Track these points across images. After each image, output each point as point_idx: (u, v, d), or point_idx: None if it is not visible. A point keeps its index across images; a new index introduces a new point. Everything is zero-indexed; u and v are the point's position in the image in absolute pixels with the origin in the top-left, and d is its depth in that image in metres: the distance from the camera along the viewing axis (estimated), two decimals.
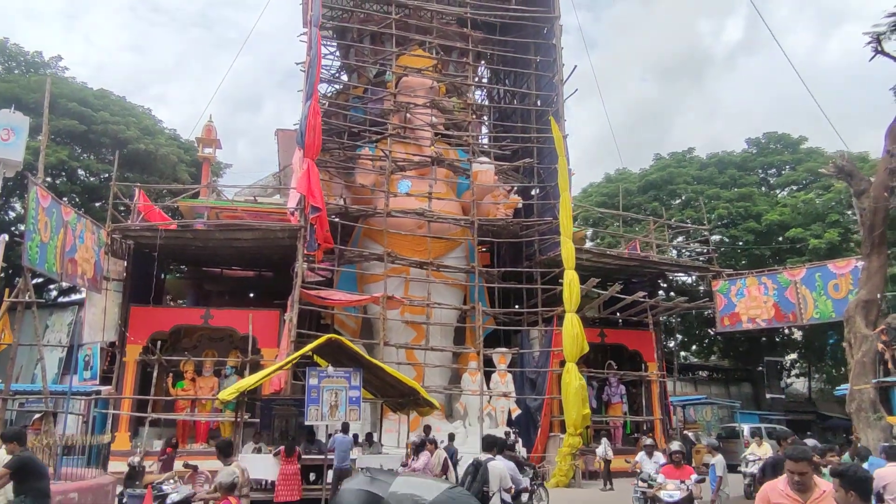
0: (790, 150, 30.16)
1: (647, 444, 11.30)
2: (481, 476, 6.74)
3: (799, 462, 3.78)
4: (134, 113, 24.50)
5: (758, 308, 18.99)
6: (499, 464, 6.99)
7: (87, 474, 10.16)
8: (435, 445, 11.27)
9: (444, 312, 19.21)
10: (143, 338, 17.02)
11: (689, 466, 8.66)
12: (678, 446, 8.79)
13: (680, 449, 8.63)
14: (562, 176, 18.54)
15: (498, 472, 6.79)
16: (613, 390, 20.72)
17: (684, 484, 7.75)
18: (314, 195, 16.76)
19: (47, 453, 9.99)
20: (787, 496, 3.77)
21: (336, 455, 11.77)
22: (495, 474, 6.76)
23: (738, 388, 32.11)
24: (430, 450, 11.07)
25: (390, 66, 20.30)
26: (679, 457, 8.38)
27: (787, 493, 3.78)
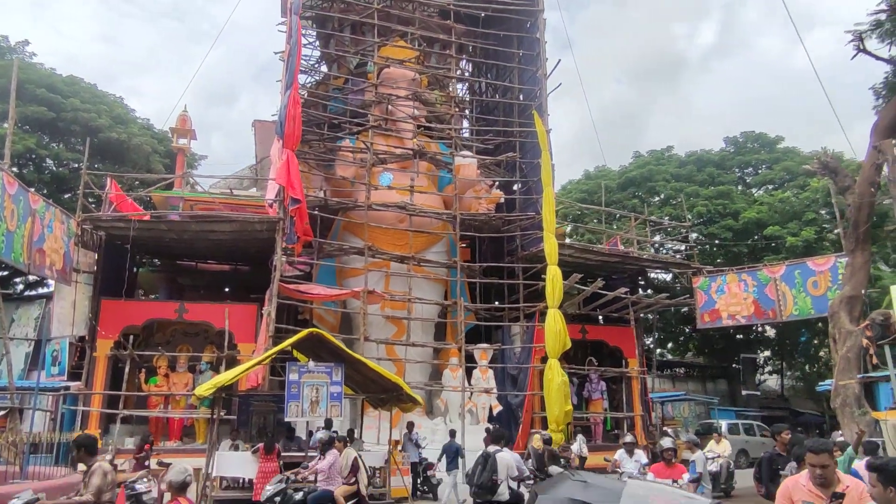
0: (767, 149, 30.52)
1: (627, 442, 10.60)
2: (490, 466, 7.47)
3: (820, 454, 3.62)
4: (105, 101, 23.71)
5: (738, 305, 19.08)
6: (506, 455, 7.79)
7: (56, 473, 9.72)
8: (345, 444, 10.04)
9: (425, 308, 18.96)
10: (114, 332, 16.46)
11: (681, 465, 7.98)
12: (670, 443, 8.10)
13: (672, 446, 7.97)
14: (545, 171, 18.39)
15: (505, 462, 7.60)
16: (594, 387, 20.67)
17: (677, 484, 7.20)
18: (294, 187, 16.36)
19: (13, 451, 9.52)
20: (809, 492, 3.60)
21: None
22: (503, 464, 7.55)
23: (715, 385, 32.46)
24: (339, 448, 9.92)
25: (372, 56, 19.93)
26: (671, 454, 7.81)
27: (810, 489, 3.61)
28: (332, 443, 9.97)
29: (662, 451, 7.85)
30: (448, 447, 12.91)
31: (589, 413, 20.35)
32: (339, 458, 9.57)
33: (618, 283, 20.85)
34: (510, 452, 8.12)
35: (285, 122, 16.76)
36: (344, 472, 9.46)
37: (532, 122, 19.51)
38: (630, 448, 10.23)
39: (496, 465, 7.50)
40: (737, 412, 26.71)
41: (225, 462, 11.55)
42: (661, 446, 8.07)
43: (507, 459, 7.71)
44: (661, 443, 8.27)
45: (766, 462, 7.17)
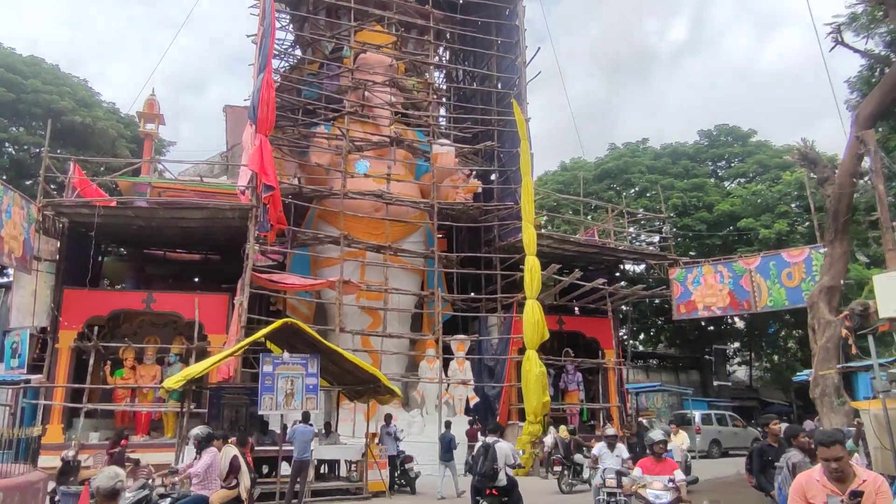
0: (740, 142, 30.81)
1: (609, 435, 9.39)
2: (491, 455, 8.23)
3: (832, 447, 3.42)
4: (69, 83, 22.71)
5: (713, 296, 19.17)
6: (503, 445, 8.49)
7: (15, 470, 9.17)
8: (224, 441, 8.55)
9: (402, 298, 18.66)
10: (78, 323, 15.81)
11: (672, 460, 7.23)
12: (662, 434, 7.33)
13: (664, 437, 7.22)
14: (524, 160, 18.19)
15: (503, 451, 8.32)
16: (570, 378, 20.63)
17: (672, 482, 6.62)
18: (267, 173, 15.86)
19: None
20: (824, 487, 3.41)
21: (296, 446, 11.08)
22: (501, 453, 8.29)
23: (687, 376, 32.81)
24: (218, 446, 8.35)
25: (348, 41, 19.45)
26: (662, 448, 7.00)
27: (825, 485, 3.42)
28: (211, 440, 8.33)
29: (652, 444, 6.98)
30: (443, 438, 13.07)
31: (565, 404, 20.31)
32: (218, 458, 8.09)
33: (594, 274, 20.81)
34: (506, 442, 8.80)
35: (258, 106, 16.22)
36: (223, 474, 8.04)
37: (510, 111, 19.29)
38: (612, 441, 9.13)
39: (496, 454, 8.21)
40: (709, 402, 27.01)
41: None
42: (650, 439, 7.09)
43: (504, 449, 8.44)
44: (651, 435, 7.21)
45: (757, 453, 6.98)
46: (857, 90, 17.99)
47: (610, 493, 8.27)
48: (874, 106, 11.51)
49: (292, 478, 11.08)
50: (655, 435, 7.27)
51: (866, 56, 16.28)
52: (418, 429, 17.40)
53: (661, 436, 7.21)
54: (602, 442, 9.44)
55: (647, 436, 7.42)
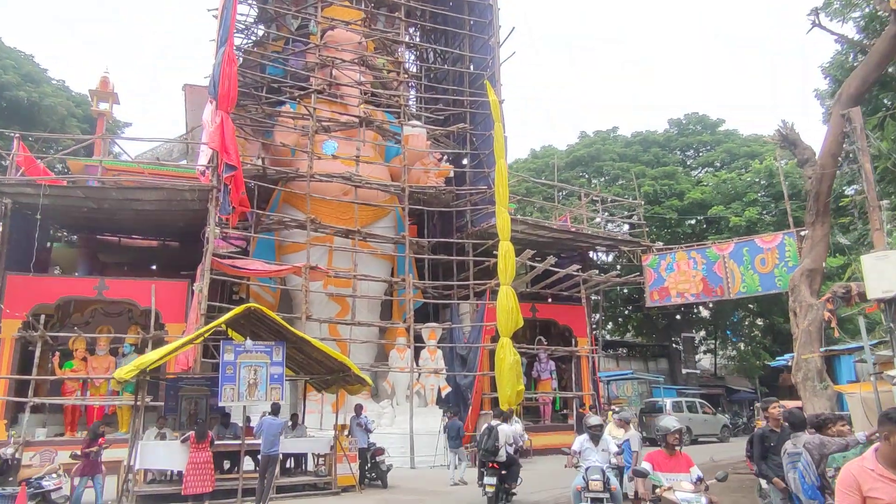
0: (709, 131, 30.88)
1: (593, 425, 7.70)
2: (493, 435, 9.83)
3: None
4: (13, 56, 21.28)
5: (687, 282, 18.98)
6: (505, 427, 10.25)
7: None
8: None
9: (371, 285, 17.98)
10: (22, 311, 14.74)
11: (686, 454, 5.96)
12: (675, 423, 6.01)
13: (678, 426, 5.97)
14: (497, 142, 17.63)
15: (505, 433, 10.00)
16: (543, 366, 20.30)
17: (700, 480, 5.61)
18: (228, 152, 14.99)
19: None
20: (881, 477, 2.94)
21: (264, 440, 10.32)
22: (503, 434, 9.92)
23: (656, 364, 32.92)
24: None
25: (314, 17, 18.57)
26: (677, 439, 5.84)
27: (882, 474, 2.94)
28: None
29: (666, 434, 5.84)
30: (451, 426, 13.41)
31: (538, 393, 19.97)
32: None
33: (567, 261, 20.48)
34: (508, 425, 10.50)
35: (219, 81, 15.31)
36: None
37: (483, 93, 18.73)
38: (595, 433, 7.61)
39: (498, 435, 9.85)
40: (678, 390, 27.05)
41: (149, 453, 10.33)
42: (663, 428, 5.91)
43: (506, 431, 10.10)
44: (664, 424, 5.98)
45: (758, 440, 6.55)
46: (829, 76, 17.94)
47: (595, 500, 6.93)
48: (857, 86, 11.28)
49: (261, 474, 10.40)
50: (669, 423, 5.99)
51: (842, 41, 16.17)
52: (389, 420, 16.80)
53: (674, 424, 5.95)
54: (583, 434, 7.76)
55: (660, 424, 6.10)
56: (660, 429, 6.01)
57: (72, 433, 15.37)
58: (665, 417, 6.48)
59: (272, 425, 10.89)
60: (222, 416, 11.99)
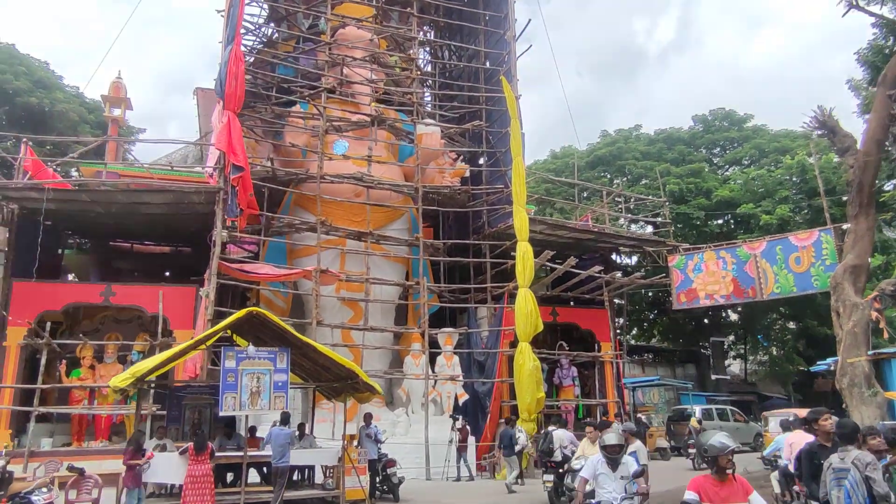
0: (736, 127, 29.78)
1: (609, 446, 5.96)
2: (548, 439, 11.39)
3: None
4: (25, 63, 21.21)
5: (716, 283, 18.07)
6: (559, 432, 11.74)
7: None
8: None
9: (385, 289, 17.37)
10: (28, 318, 14.41)
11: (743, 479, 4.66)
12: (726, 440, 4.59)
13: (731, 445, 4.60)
14: (514, 139, 16.99)
15: (559, 437, 11.42)
16: (565, 372, 19.51)
17: None
18: (235, 152, 14.57)
19: None
20: None
21: (273, 451, 9.96)
22: (557, 438, 11.33)
23: (684, 370, 31.79)
24: None
25: (324, 14, 18.10)
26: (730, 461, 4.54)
27: None
28: None
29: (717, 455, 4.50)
30: (504, 433, 13.82)
31: (560, 400, 19.17)
32: None
33: (589, 263, 19.68)
34: (563, 430, 12.25)
35: (226, 80, 14.93)
36: None
37: (499, 90, 18.09)
38: (613, 456, 5.91)
39: (553, 438, 11.35)
40: (707, 397, 25.96)
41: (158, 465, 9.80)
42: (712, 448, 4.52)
43: (559, 435, 11.55)
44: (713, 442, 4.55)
45: (807, 456, 5.68)
46: (866, 63, 16.99)
47: None
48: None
49: (276, 487, 9.96)
50: (719, 441, 4.56)
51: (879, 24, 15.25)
52: (403, 429, 16.15)
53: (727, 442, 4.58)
54: (597, 455, 6.13)
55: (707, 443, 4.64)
56: (707, 448, 4.51)
57: (79, 443, 15.00)
58: (714, 434, 4.77)
59: (280, 435, 10.43)
60: (226, 426, 11.43)
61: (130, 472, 9.40)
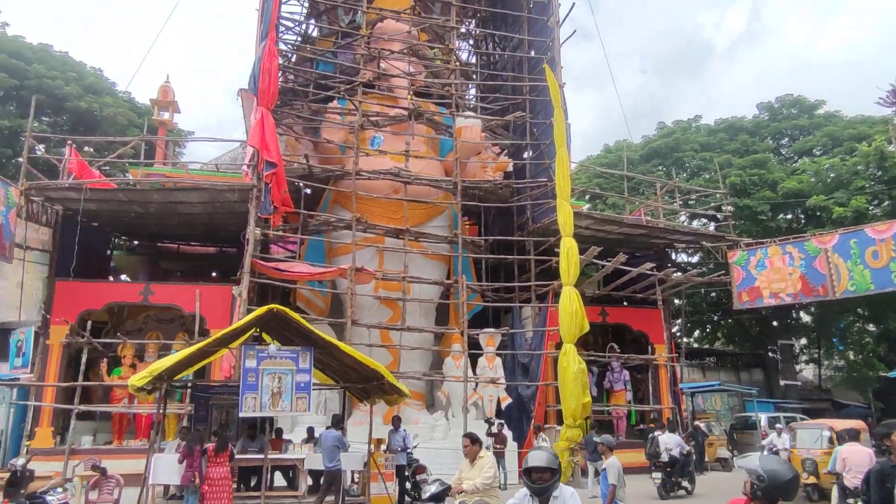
0: (806, 114, 27.70)
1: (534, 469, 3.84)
2: (655, 442, 13.29)
3: None
4: (77, 69, 21.82)
5: (782, 281, 16.66)
6: (665, 436, 13.52)
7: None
8: None
9: (424, 288, 16.81)
10: (70, 317, 14.59)
11: None
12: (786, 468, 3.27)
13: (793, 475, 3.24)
14: (558, 130, 16.08)
15: (664, 440, 13.35)
16: (616, 376, 18.42)
17: None
18: (269, 149, 14.32)
19: None
20: None
21: (323, 454, 9.81)
22: (663, 441, 13.30)
23: (749, 375, 29.84)
24: None
25: (361, 8, 17.72)
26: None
27: None
28: None
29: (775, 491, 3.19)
30: (587, 439, 13.86)
31: (611, 406, 18.11)
32: None
33: (643, 261, 18.52)
34: (669, 434, 13.75)
35: (259, 76, 14.72)
36: None
37: (544, 79, 17.23)
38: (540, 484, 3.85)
39: (658, 442, 13.18)
40: (776, 404, 24.18)
41: (164, 467, 9.54)
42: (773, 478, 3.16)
43: (664, 439, 13.37)
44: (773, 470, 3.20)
45: (876, 478, 4.68)
46: None
47: None
48: None
49: (323, 490, 9.83)
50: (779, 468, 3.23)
51: None
52: (442, 433, 15.54)
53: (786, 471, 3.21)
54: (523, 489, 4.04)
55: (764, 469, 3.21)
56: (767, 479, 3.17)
57: (119, 441, 15.10)
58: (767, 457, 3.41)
59: (327, 437, 10.18)
60: (249, 427, 11.09)
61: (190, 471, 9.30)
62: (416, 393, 17.27)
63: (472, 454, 6.28)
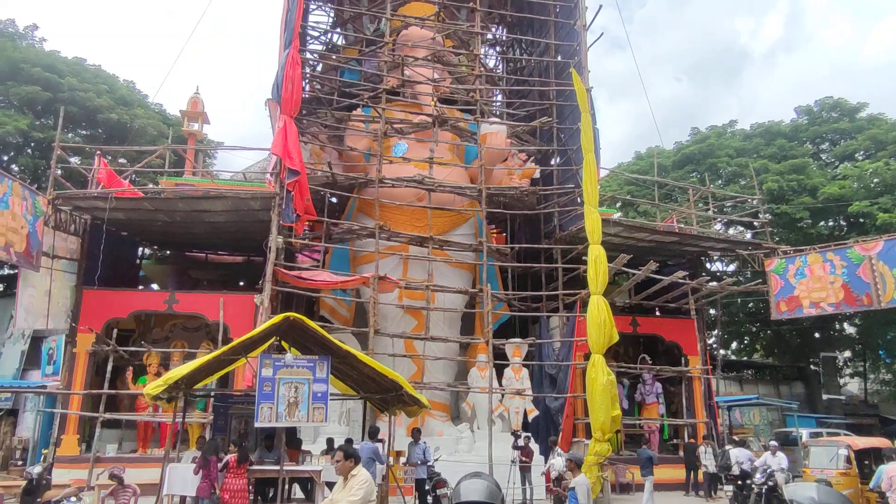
0: (847, 117, 26.66)
1: None
2: (726, 456, 13.88)
3: None
4: (109, 82, 22.25)
5: (823, 290, 15.92)
6: (735, 451, 13.78)
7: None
8: None
9: (449, 297, 16.52)
10: (97, 325, 14.70)
11: None
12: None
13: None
14: (585, 134, 15.65)
15: (735, 454, 13.59)
16: (648, 389, 17.81)
17: None
18: (291, 157, 14.29)
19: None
20: None
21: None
22: (734, 455, 13.57)
23: (790, 388, 28.68)
24: None
25: (385, 16, 17.63)
26: None
27: None
28: None
29: None
30: (642, 453, 14.42)
31: (643, 419, 17.50)
32: None
33: (674, 270, 17.93)
34: (740, 449, 14.00)
35: (282, 84, 14.74)
36: None
37: (571, 84, 16.87)
38: None
39: (729, 455, 13.58)
40: (818, 419, 23.13)
41: (181, 477, 9.41)
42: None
43: (736, 453, 13.62)
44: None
45: None
46: None
47: None
48: None
49: None
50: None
51: None
52: (467, 446, 15.20)
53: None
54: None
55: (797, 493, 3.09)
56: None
57: (144, 450, 15.11)
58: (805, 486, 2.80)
59: (364, 450, 10.06)
60: (265, 438, 10.93)
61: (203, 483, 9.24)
62: (441, 404, 16.97)
63: (345, 471, 5.41)
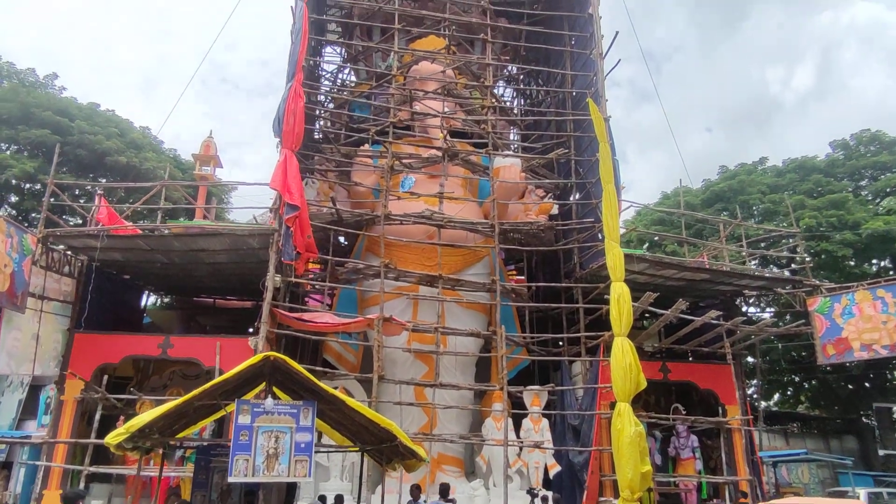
0: (887, 150, 25.27)
1: None
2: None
3: None
4: (121, 126, 22.20)
5: (875, 331, 14.38)
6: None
7: None
8: None
9: (462, 341, 15.37)
10: (87, 370, 13.89)
11: None
12: None
13: None
14: (604, 165, 14.63)
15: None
16: (682, 442, 16.19)
17: None
18: (291, 191, 13.58)
19: None
20: None
21: None
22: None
23: (840, 443, 26.37)
24: None
25: (393, 49, 17.20)
26: None
27: None
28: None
29: None
30: None
31: (678, 476, 15.80)
32: None
33: (706, 311, 16.54)
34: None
35: (284, 117, 14.17)
36: None
37: (588, 114, 16.04)
38: None
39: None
40: (875, 477, 20.95)
41: None
42: None
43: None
44: None
45: None
46: None
47: None
48: None
49: None
50: None
51: None
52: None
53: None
54: None
55: None
56: None
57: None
58: None
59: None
60: (246, 493, 9.78)
61: None
62: (454, 458, 15.61)
63: None
